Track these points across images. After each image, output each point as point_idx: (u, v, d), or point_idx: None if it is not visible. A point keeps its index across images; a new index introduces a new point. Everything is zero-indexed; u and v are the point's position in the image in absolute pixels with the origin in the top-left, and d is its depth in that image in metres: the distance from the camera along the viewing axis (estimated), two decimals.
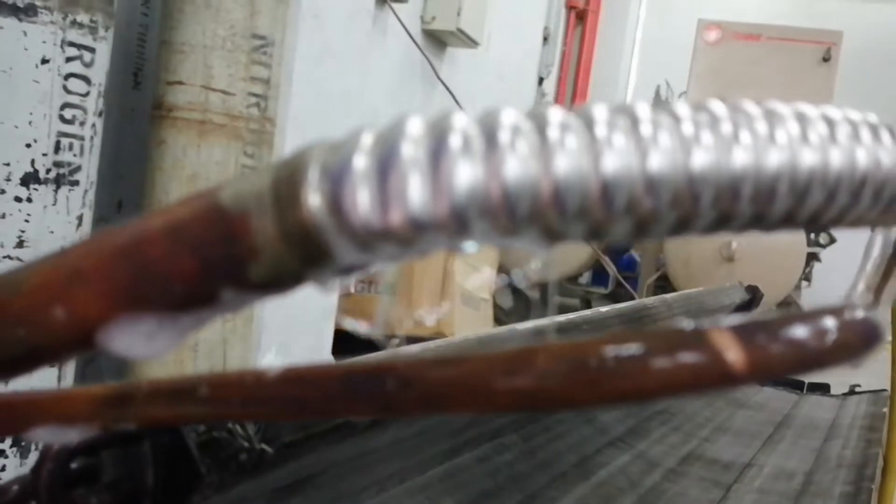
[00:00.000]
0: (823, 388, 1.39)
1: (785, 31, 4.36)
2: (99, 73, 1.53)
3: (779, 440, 1.03)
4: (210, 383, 0.17)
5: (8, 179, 1.42)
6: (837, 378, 1.41)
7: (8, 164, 1.42)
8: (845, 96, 4.53)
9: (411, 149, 0.13)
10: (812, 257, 4.59)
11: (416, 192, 0.13)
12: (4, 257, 1.43)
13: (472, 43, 3.94)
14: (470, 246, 0.13)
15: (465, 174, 0.13)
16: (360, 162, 0.13)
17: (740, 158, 0.13)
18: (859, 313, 0.15)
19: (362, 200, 0.13)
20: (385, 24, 3.37)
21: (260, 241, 0.14)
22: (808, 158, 0.14)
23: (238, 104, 1.89)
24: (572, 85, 7.03)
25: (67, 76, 1.48)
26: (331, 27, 2.19)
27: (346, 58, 2.29)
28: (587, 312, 0.76)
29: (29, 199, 1.46)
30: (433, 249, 0.13)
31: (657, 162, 0.13)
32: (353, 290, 2.92)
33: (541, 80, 6.11)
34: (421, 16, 3.73)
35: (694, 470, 0.86)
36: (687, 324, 0.14)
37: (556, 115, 0.13)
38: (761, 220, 0.14)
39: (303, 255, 0.13)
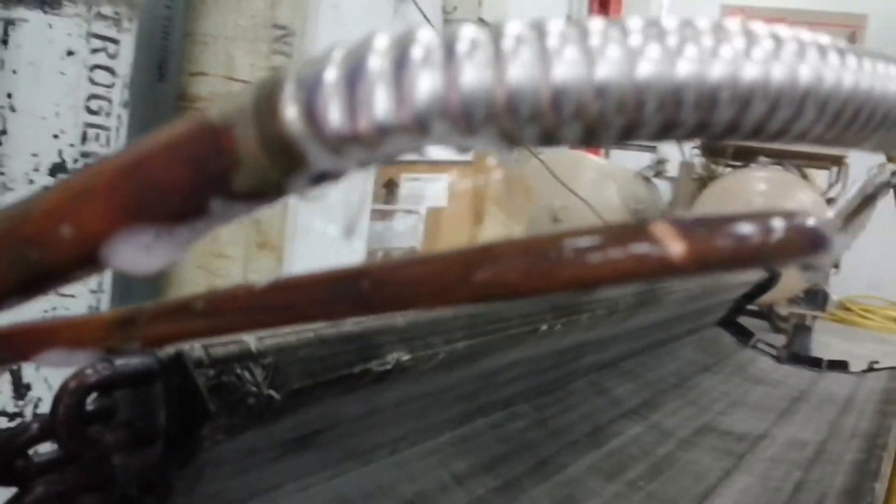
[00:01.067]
0: (842, 366, 1.38)
1: (808, 14, 4.30)
2: (123, 64, 1.55)
3: (794, 413, 1.03)
4: (206, 299, 0.18)
5: (36, 170, 1.45)
6: (856, 356, 1.40)
7: (36, 155, 1.45)
8: None
9: (377, 60, 0.14)
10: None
11: (381, 100, 0.14)
12: None
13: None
14: (429, 148, 0.15)
15: (426, 82, 0.14)
16: (331, 74, 0.14)
17: (683, 69, 0.14)
18: (810, 220, 0.16)
19: (333, 109, 0.14)
20: (405, 14, 3.38)
21: (243, 152, 0.15)
22: (750, 71, 0.15)
23: None
24: None
25: (93, 68, 1.51)
26: (350, 17, 2.20)
27: None
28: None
29: None
30: (398, 153, 0.15)
31: (604, 71, 0.14)
32: (378, 254, 2.94)
33: None
34: (442, 6, 3.73)
35: (707, 440, 0.86)
36: (637, 220, 0.15)
37: (512, 28, 0.15)
38: (705, 129, 0.15)
39: (281, 163, 0.15)
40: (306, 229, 2.09)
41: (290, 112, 0.15)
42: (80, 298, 1.54)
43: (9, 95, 1.42)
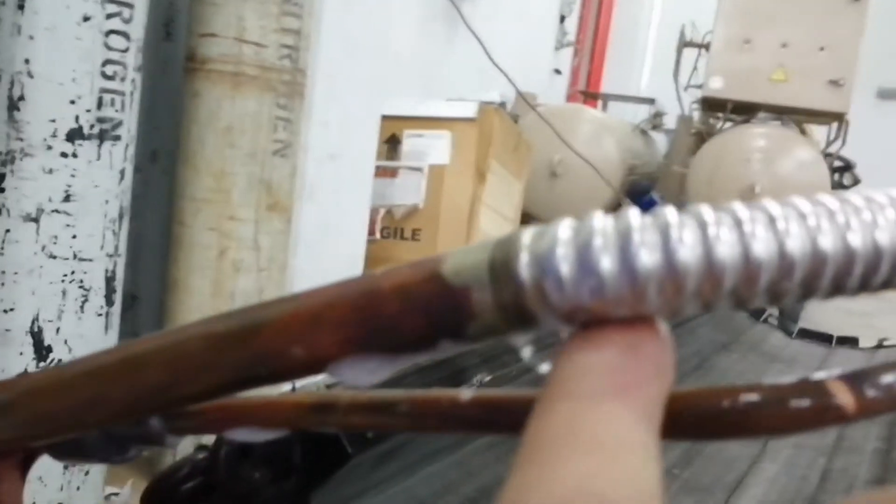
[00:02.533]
0: (852, 342, 1.42)
1: None
2: (137, 28, 1.55)
3: None
4: (410, 402, 0.21)
5: (54, 135, 1.46)
6: (865, 332, 1.44)
7: (53, 121, 1.46)
8: (876, 37, 4.45)
9: (600, 241, 0.17)
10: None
11: (605, 276, 0.17)
12: (53, 211, 1.48)
13: None
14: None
15: (646, 261, 0.17)
16: (561, 251, 0.17)
17: (854, 240, 0.17)
18: None
19: (564, 283, 0.17)
20: None
21: (478, 310, 0.17)
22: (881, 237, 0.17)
23: (270, 56, 1.90)
24: (594, 24, 6.91)
25: (108, 33, 1.50)
26: None
27: (371, 4, 2.28)
28: None
29: (74, 155, 1.49)
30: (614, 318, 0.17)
31: (792, 246, 0.17)
32: (378, 235, 2.96)
33: (562, 19, 6.03)
34: None
35: None
36: (810, 377, 0.18)
37: (708, 212, 0.17)
38: (840, 290, 0.18)
39: (512, 321, 0.17)
40: (315, 191, 2.10)
41: (524, 281, 0.17)
42: (97, 262, 1.56)
43: (26, 61, 1.41)
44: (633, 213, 0.17)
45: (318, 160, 2.08)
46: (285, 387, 0.32)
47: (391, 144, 3.04)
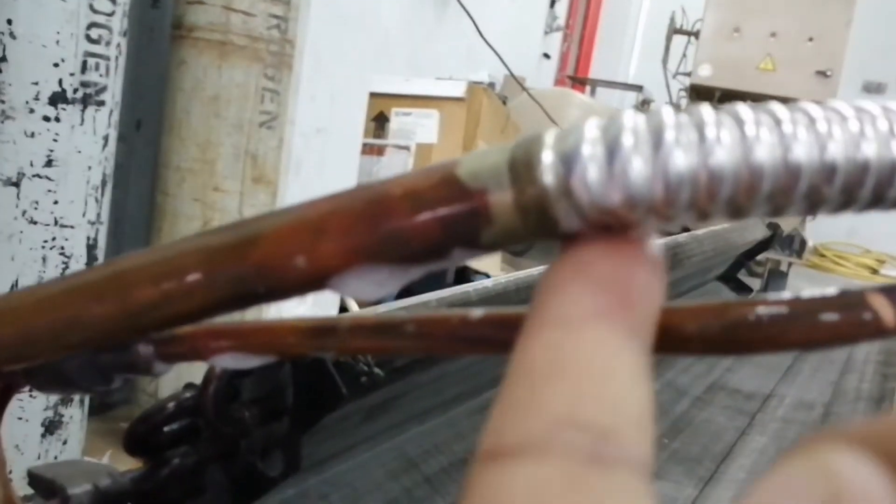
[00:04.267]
0: None
1: None
2: None
3: (797, 372, 1.08)
4: (417, 321, 0.20)
5: (37, 98, 1.43)
6: None
7: (36, 84, 1.43)
8: (863, 27, 4.47)
9: (631, 140, 0.16)
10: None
11: (636, 176, 0.16)
12: (34, 176, 1.45)
13: None
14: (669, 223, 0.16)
15: (681, 163, 0.16)
16: (588, 149, 0.16)
17: (868, 149, 0.16)
18: None
19: (591, 182, 0.16)
20: None
21: (496, 213, 0.16)
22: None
23: (259, 25, 1.88)
24: (584, 9, 6.89)
25: None
26: None
27: None
28: None
29: (57, 119, 1.47)
30: (641, 224, 0.17)
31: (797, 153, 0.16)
32: None
33: (552, 3, 6.00)
34: None
35: (719, 399, 0.90)
36: (845, 289, 0.17)
37: (746, 111, 0.17)
38: (850, 203, 0.17)
39: (533, 224, 0.16)
40: (301, 165, 2.08)
41: (549, 179, 0.16)
42: (78, 229, 1.54)
43: (9, 22, 1.38)
44: (666, 111, 0.16)
45: (305, 134, 2.06)
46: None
47: (378, 122, 3.02)
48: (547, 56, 6.12)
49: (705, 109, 0.17)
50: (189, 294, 0.19)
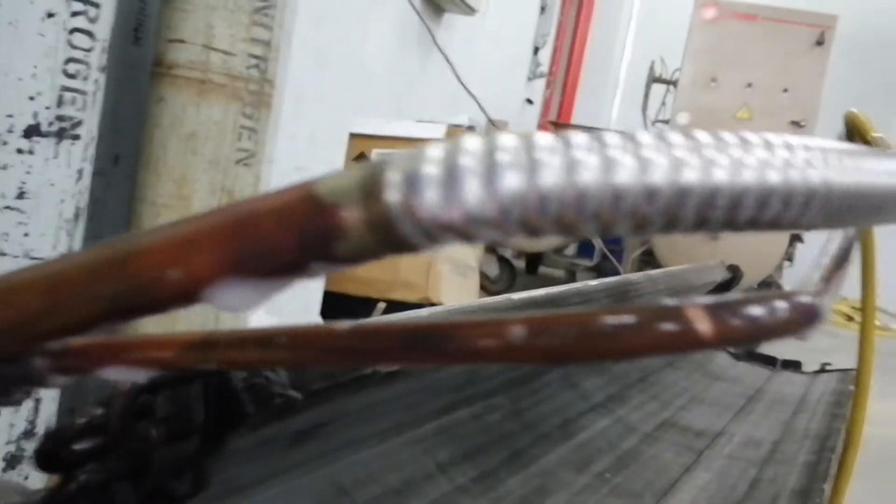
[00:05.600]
0: (795, 366, 1.45)
1: (781, 12, 4.38)
2: (103, 28, 1.54)
3: (750, 412, 1.09)
4: (288, 334, 0.21)
5: (10, 131, 1.44)
6: (809, 356, 1.47)
7: (11, 116, 1.44)
8: (836, 79, 4.57)
9: (468, 161, 0.17)
10: (795, 238, 4.65)
11: (471, 195, 0.17)
12: (5, 207, 1.46)
13: (469, 10, 3.93)
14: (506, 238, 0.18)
15: (511, 183, 0.17)
16: (429, 170, 0.17)
17: (690, 175, 0.18)
18: (806, 298, 0.20)
19: (431, 201, 0.17)
20: None
21: (348, 227, 0.18)
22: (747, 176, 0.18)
23: (238, 65, 1.91)
24: (567, 57, 7.02)
25: (72, 31, 1.50)
26: None
27: (345, 22, 2.30)
28: (577, 285, 0.81)
29: (31, 152, 1.48)
30: (480, 240, 0.18)
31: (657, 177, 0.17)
32: None
33: (536, 50, 6.11)
34: None
35: (669, 436, 0.91)
36: (669, 301, 0.18)
37: (579, 137, 0.18)
38: (704, 225, 0.18)
39: (381, 239, 0.18)
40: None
41: (393, 199, 0.17)
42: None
43: None
44: (503, 134, 0.18)
45: (284, 172, 2.08)
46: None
47: (359, 162, 3.04)
48: (530, 101, 6.21)
49: (540, 134, 0.18)
50: (74, 306, 0.20)
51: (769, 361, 1.44)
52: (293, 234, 0.18)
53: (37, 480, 1.53)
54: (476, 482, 0.62)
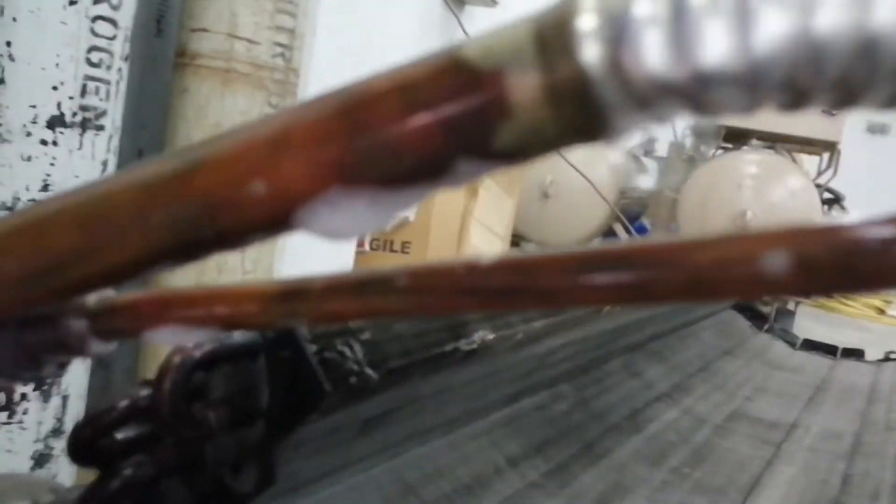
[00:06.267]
0: (858, 354, 1.38)
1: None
2: (126, 16, 1.51)
3: (820, 402, 1.02)
4: (411, 273, 0.15)
5: (34, 122, 1.41)
6: (871, 347, 1.40)
7: (34, 107, 1.41)
8: None
9: None
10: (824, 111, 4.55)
11: (714, 41, 0.11)
12: (29, 200, 1.42)
13: (490, 1, 3.88)
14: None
15: (774, 24, 0.11)
16: (644, 9, 0.12)
17: None
18: None
19: (652, 50, 0.11)
20: None
21: (516, 101, 0.12)
22: None
23: (263, 53, 1.86)
24: None
25: (95, 18, 1.46)
26: None
27: (367, 11, 2.26)
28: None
29: (55, 143, 1.45)
30: (713, 111, 0.12)
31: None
32: (367, 247, 2.91)
33: None
34: None
35: (741, 427, 0.85)
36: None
37: None
38: None
39: (567, 115, 0.12)
40: None
41: (592, 52, 0.12)
42: None
43: (8, 44, 1.36)
44: None
45: None
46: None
47: None
48: None
49: None
50: (120, 241, 0.15)
51: (829, 350, 1.37)
52: (430, 116, 0.12)
53: (67, 480, 1.49)
54: (549, 477, 0.57)
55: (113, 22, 1.48)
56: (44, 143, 1.39)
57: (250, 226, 0.14)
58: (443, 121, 0.12)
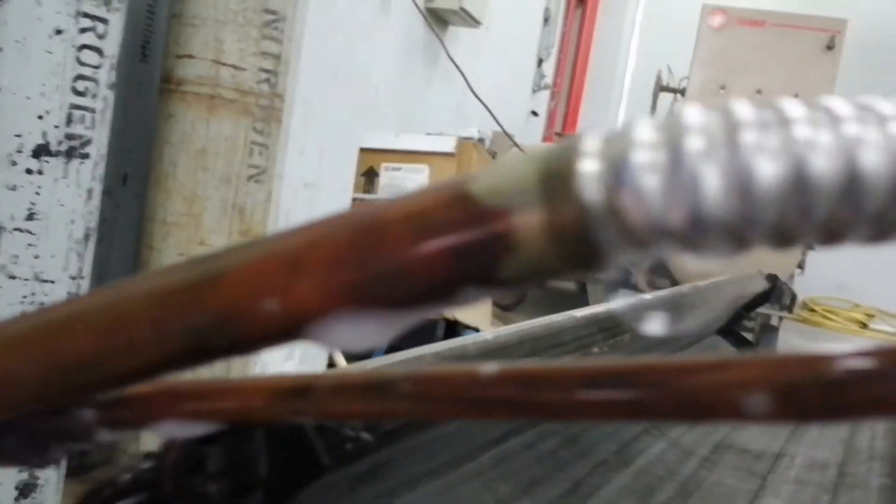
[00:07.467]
0: None
1: (789, 17, 4.35)
2: (112, 45, 1.51)
3: (804, 430, 1.03)
4: (415, 380, 0.16)
5: (19, 151, 1.41)
6: None
7: (20, 136, 1.41)
8: (848, 84, 4.53)
9: (700, 143, 0.12)
10: (807, 247, 4.60)
11: (711, 188, 0.12)
12: (14, 229, 1.42)
13: (474, 22, 3.91)
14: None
15: (766, 169, 0.12)
16: (643, 156, 0.12)
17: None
18: None
19: (650, 196, 0.12)
20: (389, 2, 3.34)
21: (521, 238, 0.13)
22: None
23: (248, 79, 1.87)
24: (571, 68, 7.01)
25: (81, 48, 1.47)
26: (340, 3, 2.17)
27: (353, 35, 2.27)
28: (633, 300, 0.77)
29: (40, 172, 1.45)
30: (705, 252, 0.13)
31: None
32: None
33: (540, 62, 6.09)
34: None
35: (727, 459, 0.86)
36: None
37: (841, 104, 0.13)
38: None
39: (568, 251, 0.13)
40: (290, 219, 2.05)
41: (593, 195, 0.13)
42: (59, 284, 1.50)
43: None
44: (740, 105, 0.13)
45: (294, 188, 2.04)
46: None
47: (368, 177, 3.00)
48: (535, 114, 6.18)
49: (788, 101, 0.13)
50: (136, 348, 0.15)
51: None
52: (442, 251, 0.13)
53: None
54: None
55: (98, 51, 1.49)
56: (29, 171, 1.39)
57: (262, 338, 0.15)
58: (451, 250, 0.13)
